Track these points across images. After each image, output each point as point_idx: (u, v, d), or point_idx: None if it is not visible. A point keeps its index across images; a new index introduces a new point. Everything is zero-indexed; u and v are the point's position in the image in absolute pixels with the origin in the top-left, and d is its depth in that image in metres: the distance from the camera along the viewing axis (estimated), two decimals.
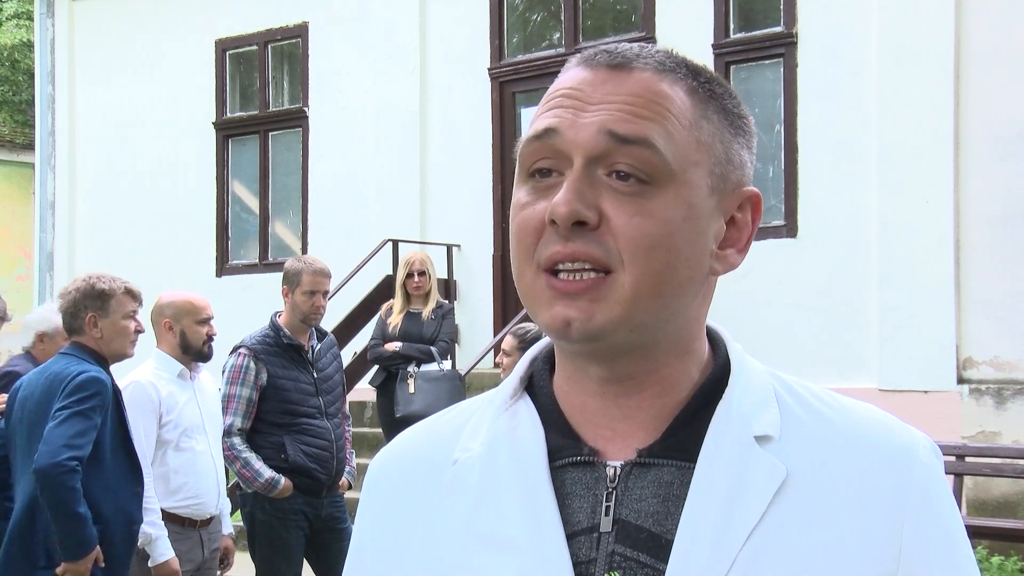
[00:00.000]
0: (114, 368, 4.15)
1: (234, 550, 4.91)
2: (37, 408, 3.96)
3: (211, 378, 4.84)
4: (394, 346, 7.15)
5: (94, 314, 4.05)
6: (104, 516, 3.92)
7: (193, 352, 4.59)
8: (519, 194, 1.01)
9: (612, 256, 0.96)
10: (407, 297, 7.30)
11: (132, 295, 4.15)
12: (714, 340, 1.08)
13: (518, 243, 1.00)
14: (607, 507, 0.99)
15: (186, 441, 4.52)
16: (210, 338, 4.63)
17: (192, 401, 4.59)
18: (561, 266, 0.97)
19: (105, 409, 3.92)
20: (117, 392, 4.14)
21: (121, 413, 4.04)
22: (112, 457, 3.96)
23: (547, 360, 1.09)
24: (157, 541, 4.32)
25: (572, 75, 1.02)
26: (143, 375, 4.51)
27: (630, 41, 1.26)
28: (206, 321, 4.63)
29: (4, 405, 4.49)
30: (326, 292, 5.12)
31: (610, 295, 0.96)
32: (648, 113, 0.98)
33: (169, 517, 4.41)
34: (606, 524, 0.98)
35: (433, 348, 7.16)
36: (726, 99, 1.03)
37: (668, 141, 0.97)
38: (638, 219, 0.96)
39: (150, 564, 4.35)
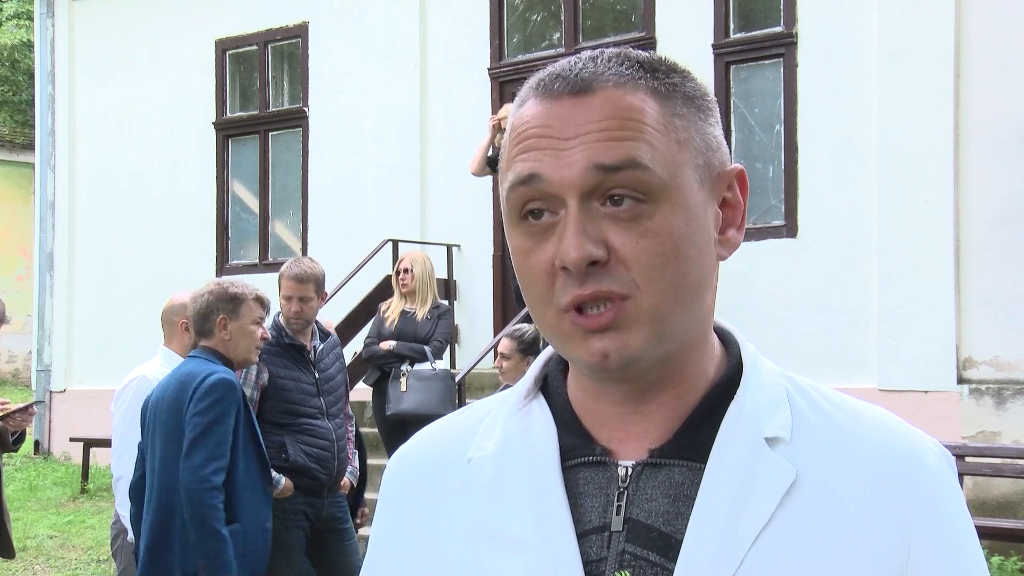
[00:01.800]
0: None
1: None
2: (170, 411, 3.95)
3: None
4: (388, 345, 7.19)
5: (225, 316, 4.11)
6: (240, 517, 3.92)
7: None
8: (516, 239, 1.00)
9: (628, 285, 0.96)
10: (401, 295, 7.35)
11: (261, 303, 4.22)
12: (727, 340, 1.09)
13: (532, 290, 0.99)
14: (618, 506, 1.00)
15: None
16: None
17: None
18: (583, 304, 0.96)
19: (237, 411, 3.95)
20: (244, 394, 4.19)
21: (249, 415, 4.06)
22: (244, 458, 3.99)
23: (561, 361, 1.10)
24: None
25: (535, 110, 0.99)
26: (150, 370, 4.55)
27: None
28: None
29: None
30: (306, 298, 4.99)
31: (636, 318, 0.96)
32: (626, 133, 0.96)
33: None
34: (617, 523, 0.99)
35: (427, 347, 7.18)
36: (686, 85, 1.02)
37: (653, 154, 0.96)
38: (644, 241, 0.96)
39: None
